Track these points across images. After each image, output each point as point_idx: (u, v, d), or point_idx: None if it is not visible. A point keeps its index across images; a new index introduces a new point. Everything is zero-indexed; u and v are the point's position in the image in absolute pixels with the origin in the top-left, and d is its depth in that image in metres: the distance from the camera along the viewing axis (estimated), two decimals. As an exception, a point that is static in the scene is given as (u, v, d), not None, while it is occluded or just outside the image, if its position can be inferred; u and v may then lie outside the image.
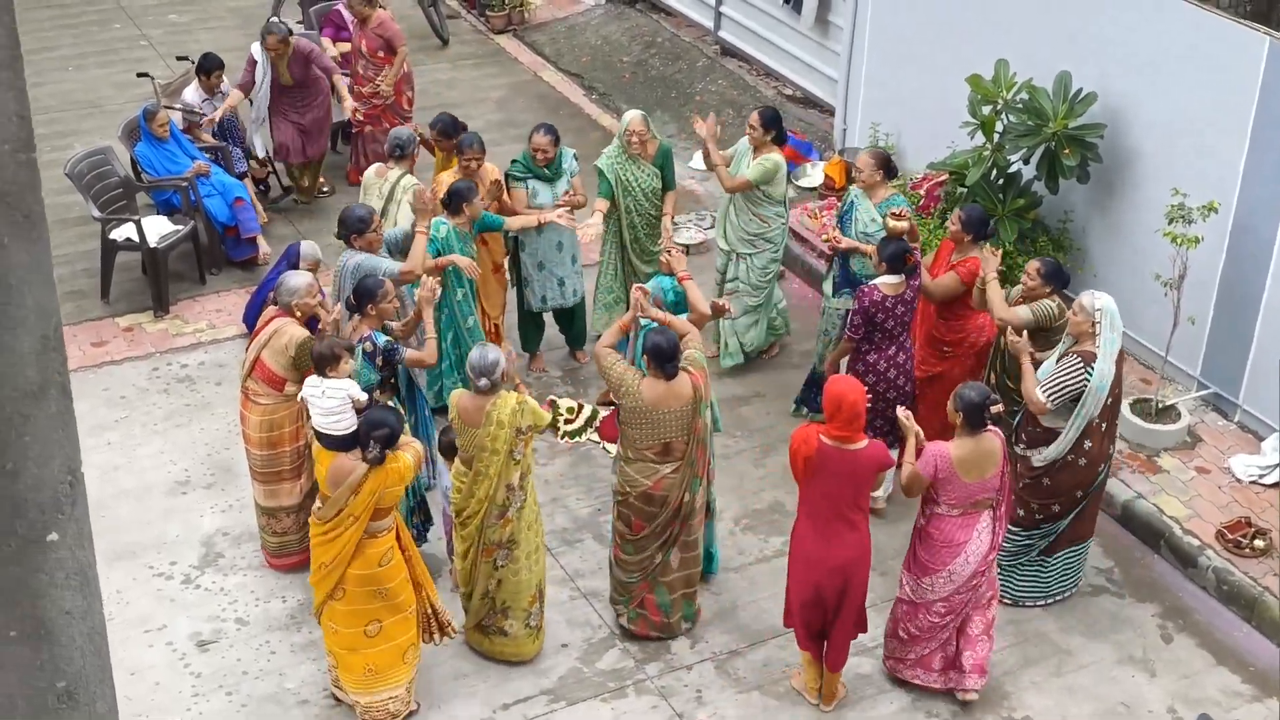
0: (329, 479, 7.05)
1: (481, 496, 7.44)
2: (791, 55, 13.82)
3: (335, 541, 7.00)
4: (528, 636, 7.85)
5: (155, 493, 9.10)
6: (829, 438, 7.07)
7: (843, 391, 7.07)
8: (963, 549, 7.31)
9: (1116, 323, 7.79)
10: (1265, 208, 9.06)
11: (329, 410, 7.24)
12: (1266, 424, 9.35)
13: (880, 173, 9.24)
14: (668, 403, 7.50)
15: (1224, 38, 9.14)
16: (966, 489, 7.22)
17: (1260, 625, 8.25)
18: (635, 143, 9.85)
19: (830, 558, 7.21)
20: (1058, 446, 7.85)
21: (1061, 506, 8.04)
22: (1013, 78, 9.98)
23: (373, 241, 8.58)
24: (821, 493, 7.14)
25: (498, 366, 7.36)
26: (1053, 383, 7.76)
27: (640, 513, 7.70)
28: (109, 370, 10.20)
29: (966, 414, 7.17)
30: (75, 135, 13.20)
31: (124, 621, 8.09)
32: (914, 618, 7.57)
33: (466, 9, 16.50)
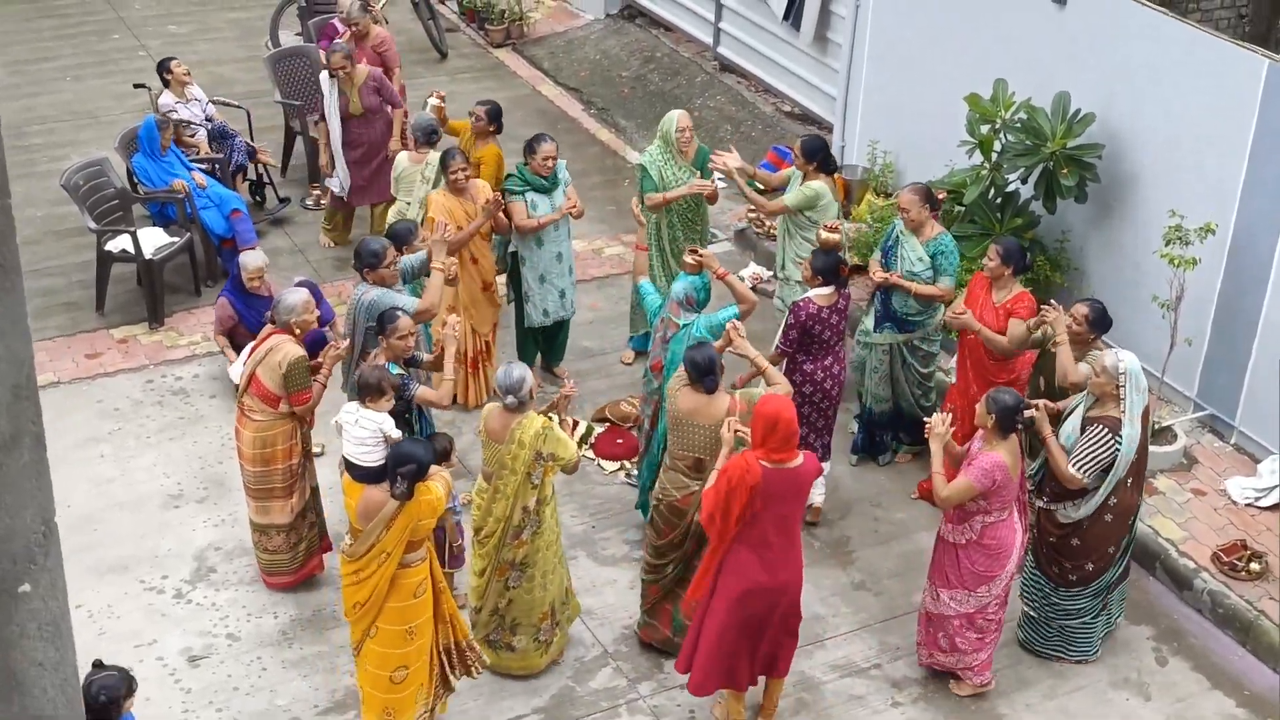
0: (360, 512, 6.90)
1: (499, 515, 7.39)
2: (790, 72, 13.82)
3: (368, 581, 6.82)
4: (536, 651, 7.82)
5: (148, 506, 9.07)
6: (770, 461, 6.87)
7: (776, 411, 6.86)
8: (1014, 549, 7.46)
9: (1140, 383, 7.59)
10: (1263, 229, 9.05)
11: (360, 440, 7.16)
12: (1263, 446, 9.33)
13: (927, 208, 9.01)
14: (698, 417, 7.49)
15: (1223, 59, 9.14)
16: (1014, 489, 7.34)
17: (1256, 649, 8.22)
18: (687, 139, 9.93)
19: (774, 581, 7.06)
20: (1085, 509, 7.69)
21: (1095, 565, 7.84)
22: (1011, 97, 9.97)
23: (385, 277, 8.37)
24: (771, 517, 6.94)
25: (524, 384, 7.29)
26: (1082, 457, 7.56)
27: (667, 522, 7.73)
28: (102, 382, 10.16)
29: (1000, 418, 7.19)
30: (72, 145, 13.19)
31: (115, 636, 8.05)
32: (971, 626, 7.61)
33: (466, 22, 16.51)
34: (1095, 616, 8.04)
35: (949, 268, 9.02)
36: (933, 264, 9.00)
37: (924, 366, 9.35)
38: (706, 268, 8.39)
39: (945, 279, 9.03)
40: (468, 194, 9.51)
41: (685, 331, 8.15)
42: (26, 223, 12.05)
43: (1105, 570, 7.87)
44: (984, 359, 8.70)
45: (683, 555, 7.79)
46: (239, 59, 14.84)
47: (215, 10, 16.44)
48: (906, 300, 9.04)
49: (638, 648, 8.14)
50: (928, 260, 8.98)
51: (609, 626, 8.29)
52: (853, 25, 12.27)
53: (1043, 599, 8.04)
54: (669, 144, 9.97)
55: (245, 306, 9.56)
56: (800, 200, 9.64)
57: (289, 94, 12.67)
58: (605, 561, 8.75)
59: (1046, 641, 8.14)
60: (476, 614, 7.77)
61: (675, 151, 9.97)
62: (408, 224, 9.14)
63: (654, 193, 9.94)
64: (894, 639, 8.23)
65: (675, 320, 8.19)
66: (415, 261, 8.75)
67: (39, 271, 11.38)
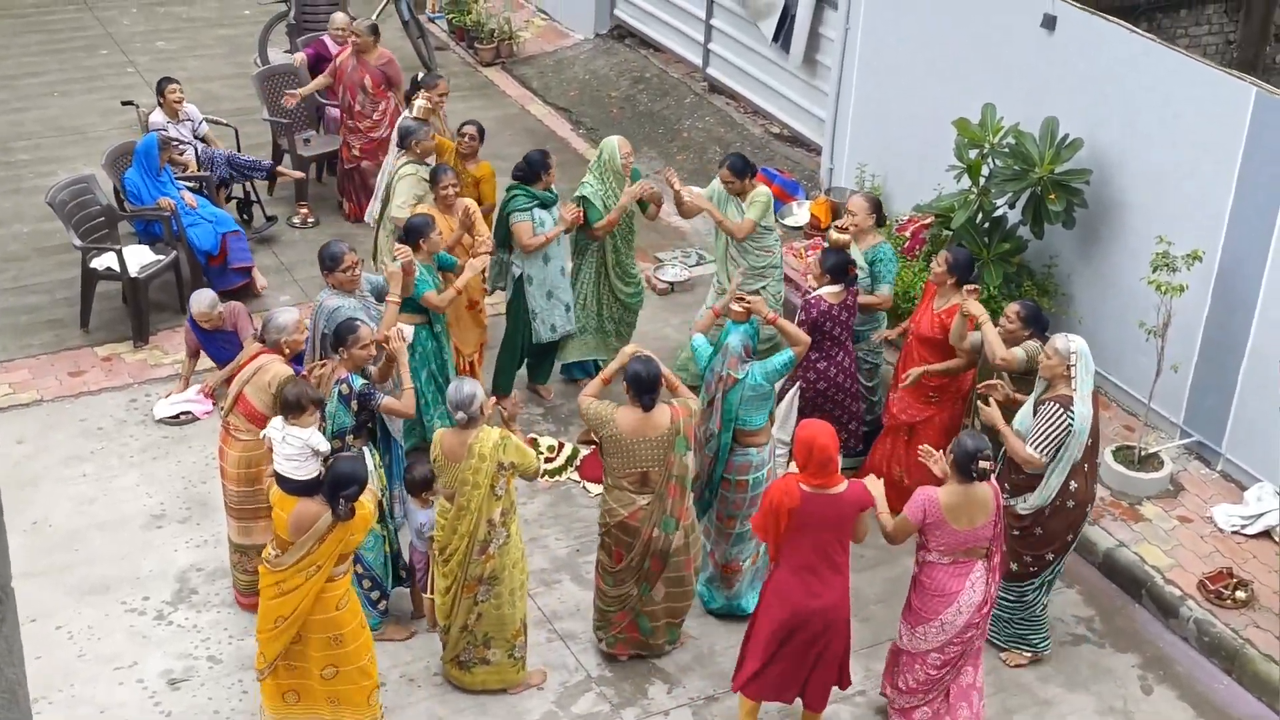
0: (292, 525, 6.90)
1: (463, 532, 7.38)
2: (779, 94, 13.82)
3: (294, 594, 6.87)
4: (512, 666, 7.79)
5: (130, 526, 9.01)
6: (809, 485, 6.96)
7: (812, 436, 6.92)
8: (955, 599, 7.23)
9: (1089, 363, 7.75)
10: (1250, 256, 9.06)
11: (288, 456, 7.15)
12: (1249, 473, 9.32)
13: (872, 217, 9.24)
14: (644, 432, 7.54)
15: (1210, 86, 9.15)
16: (957, 536, 7.13)
17: (1241, 678, 8.20)
18: (628, 165, 9.90)
19: (816, 604, 7.10)
20: (1041, 494, 7.79)
21: (1054, 553, 7.97)
22: (999, 122, 9.97)
23: (343, 281, 8.44)
24: (809, 543, 7.01)
25: (474, 399, 7.32)
26: (1039, 435, 7.68)
27: (620, 543, 7.74)
28: (86, 401, 10.11)
29: (957, 460, 7.07)
30: (59, 162, 13.15)
31: (95, 658, 7.99)
32: (911, 669, 7.50)
33: (455, 41, 16.51)
34: (1045, 595, 8.15)
35: (887, 275, 9.27)
36: (871, 272, 9.17)
37: (868, 380, 9.53)
38: (756, 313, 8.26)
39: (884, 286, 9.29)
40: (454, 211, 9.51)
41: (743, 383, 7.98)
42: (12, 239, 12.03)
43: (1060, 557, 7.99)
44: (920, 362, 8.83)
45: (644, 576, 7.78)
46: (227, 76, 14.81)
47: (204, 27, 16.43)
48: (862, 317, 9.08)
49: (621, 672, 8.10)
50: (867, 268, 9.14)
51: (593, 651, 8.24)
52: (842, 48, 12.28)
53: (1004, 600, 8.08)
54: (612, 172, 9.83)
55: (206, 338, 9.59)
56: (761, 211, 9.69)
57: (277, 112, 12.65)
58: (589, 585, 8.68)
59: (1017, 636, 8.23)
60: (445, 634, 7.75)
61: (616, 179, 9.83)
62: (424, 217, 9.12)
63: (599, 220, 9.82)
64: (879, 665, 8.17)
65: (734, 375, 7.98)
66: (382, 282, 8.76)
67: (24, 289, 11.34)
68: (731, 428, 7.99)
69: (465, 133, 10.50)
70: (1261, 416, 9.15)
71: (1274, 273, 8.94)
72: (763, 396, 8.00)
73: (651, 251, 12.28)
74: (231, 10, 16.93)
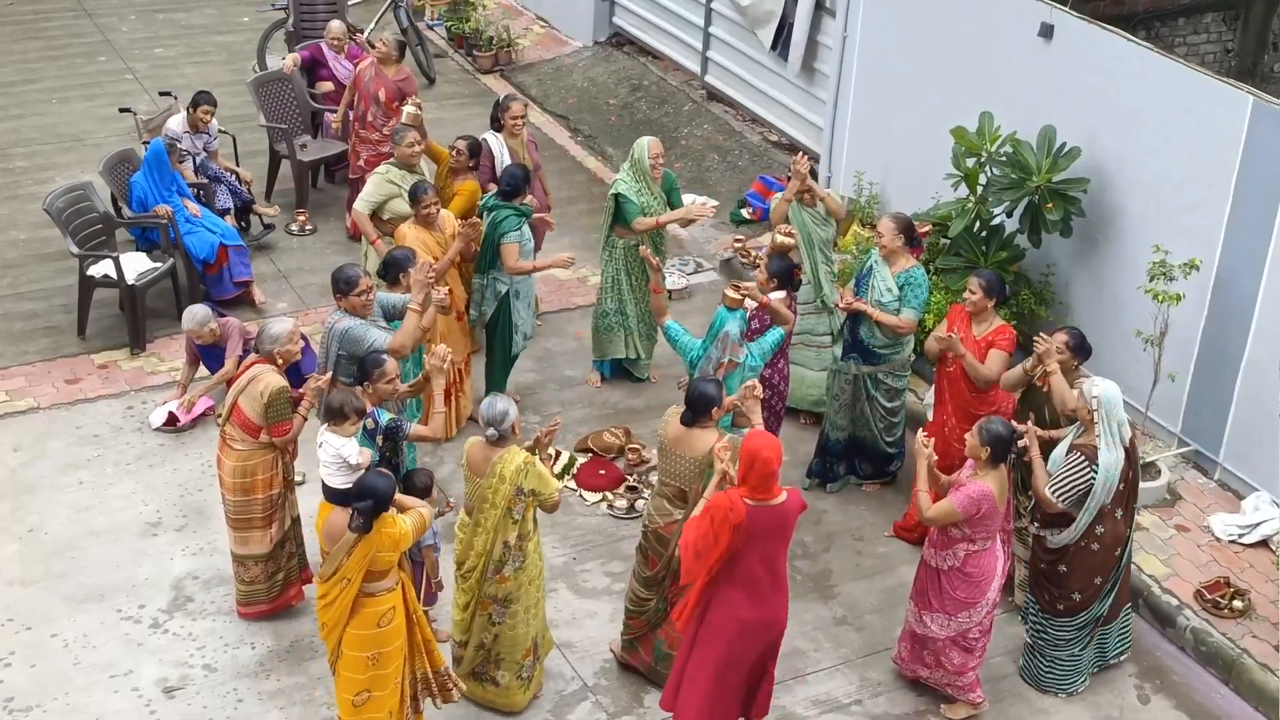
0: (325, 532, 6.91)
1: (480, 549, 7.34)
2: (777, 101, 13.82)
3: (334, 604, 6.85)
4: (519, 688, 7.76)
5: (126, 534, 8.99)
6: (753, 499, 6.84)
7: (757, 449, 6.80)
8: (997, 575, 7.50)
9: (1115, 411, 7.54)
10: (1247, 265, 9.05)
11: (324, 462, 7.16)
12: (1247, 482, 9.31)
13: (901, 238, 9.00)
14: (681, 447, 7.48)
15: (1208, 96, 9.15)
16: (999, 519, 7.36)
17: (1239, 687, 8.18)
18: (660, 165, 10.04)
19: (764, 617, 7.05)
20: (1070, 534, 7.68)
21: (1083, 596, 7.82)
22: (997, 130, 9.98)
23: (356, 305, 8.34)
24: (757, 555, 6.92)
25: (506, 417, 7.22)
26: (1059, 482, 7.58)
27: (654, 550, 7.71)
28: (82, 408, 10.10)
29: (995, 449, 7.24)
30: (56, 168, 13.15)
31: (90, 666, 7.97)
32: (953, 645, 7.66)
33: (454, 48, 16.51)
34: (1081, 649, 8.02)
35: (915, 301, 9.00)
36: (899, 295, 8.99)
37: (889, 401, 9.32)
38: (751, 297, 8.35)
39: (909, 311, 9.01)
40: (437, 226, 9.49)
41: (743, 365, 8.14)
42: (9, 246, 12.02)
43: (1092, 602, 7.85)
44: (964, 391, 8.65)
45: (664, 590, 7.77)
46: (226, 83, 14.78)
47: (203, 34, 16.42)
48: (873, 331, 9.03)
49: (617, 681, 8.08)
50: (896, 291, 8.98)
51: (589, 660, 8.22)
52: (840, 56, 12.29)
53: (1038, 627, 8.04)
54: (642, 171, 10.01)
55: (204, 350, 9.61)
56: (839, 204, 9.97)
57: (273, 118, 12.65)
58: (586, 594, 8.70)
59: (1036, 669, 8.14)
60: (462, 649, 7.70)
61: (648, 179, 10.03)
62: (403, 251, 9.07)
63: (642, 217, 9.95)
64: (875, 674, 8.18)
65: (736, 360, 8.10)
66: (397, 301, 8.65)
67: (21, 295, 11.34)
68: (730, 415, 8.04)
69: (455, 147, 10.49)
70: (1259, 425, 9.14)
71: (1271, 282, 8.93)
72: (756, 375, 8.17)
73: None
74: (230, 17, 16.93)
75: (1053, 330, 8.29)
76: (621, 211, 10.03)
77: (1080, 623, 7.90)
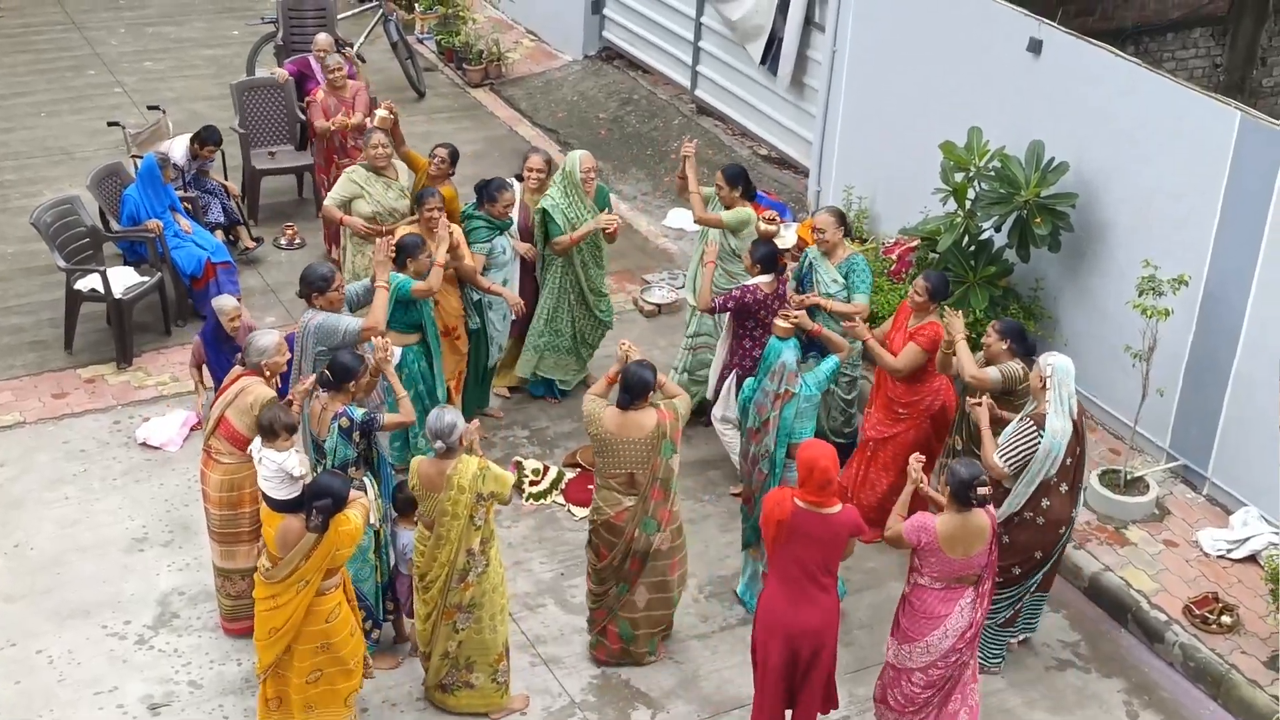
0: (277, 540, 6.98)
1: (443, 561, 7.37)
2: (767, 116, 13.83)
3: (285, 607, 6.93)
4: (495, 690, 7.77)
5: (112, 549, 8.95)
6: (804, 502, 7.01)
7: (814, 457, 7.00)
8: (942, 622, 7.22)
9: (1066, 380, 7.72)
10: (1235, 280, 9.06)
11: (265, 477, 7.20)
12: (1235, 497, 9.31)
13: (841, 230, 9.29)
14: (628, 432, 7.67)
15: (1196, 111, 9.16)
16: (950, 564, 7.11)
17: (1227, 703, 8.17)
18: (592, 179, 10.02)
19: (801, 620, 7.13)
20: (1008, 503, 7.79)
21: (1021, 569, 7.94)
22: (985, 145, 9.98)
23: (334, 300, 8.45)
24: (793, 557, 7.07)
25: (454, 429, 7.29)
26: (1007, 447, 7.75)
27: (605, 541, 7.89)
28: (69, 423, 10.06)
29: (955, 491, 7.04)
30: (44, 182, 13.12)
31: (75, 683, 7.93)
32: (898, 684, 7.49)
33: (444, 62, 16.51)
34: (1004, 625, 8.13)
35: (862, 286, 9.25)
36: (846, 283, 9.20)
37: (846, 393, 9.55)
38: (801, 327, 8.44)
39: (860, 296, 9.25)
40: (436, 234, 9.43)
41: (799, 395, 8.16)
42: (-4, 259, 12.00)
43: (1028, 575, 7.95)
44: (887, 378, 8.88)
45: (623, 576, 7.91)
46: (214, 96, 14.77)
47: (192, 47, 16.40)
48: (828, 324, 9.08)
49: (605, 697, 8.06)
50: (842, 280, 9.21)
51: (576, 675, 8.20)
52: (829, 71, 12.29)
53: None
54: (573, 184, 9.96)
55: (215, 354, 9.50)
56: (734, 219, 9.76)
57: (251, 125, 12.69)
58: (573, 609, 8.66)
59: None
60: (426, 660, 7.74)
61: (579, 193, 9.97)
62: (415, 236, 9.11)
63: (560, 235, 9.91)
64: (863, 690, 8.15)
65: (792, 389, 8.14)
66: (359, 288, 8.76)
67: (8, 309, 11.30)
68: (785, 443, 8.14)
69: (436, 154, 10.50)
70: (1247, 441, 9.14)
71: (1259, 297, 8.94)
72: (814, 406, 8.27)
73: (638, 274, 12.27)
74: (220, 31, 16.92)
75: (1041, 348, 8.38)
76: (546, 228, 9.97)
77: (1014, 595, 8.01)
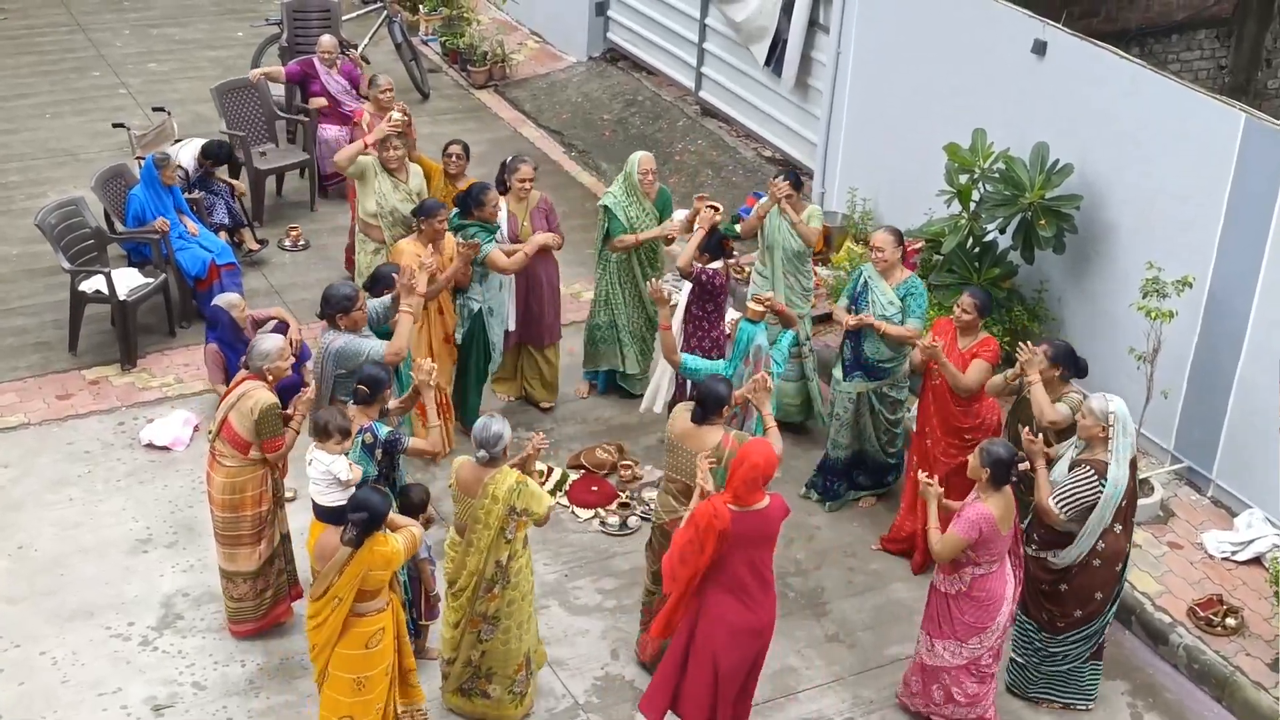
0: (316, 552, 6.95)
1: (472, 569, 7.32)
2: (771, 117, 13.82)
3: (325, 625, 6.85)
4: (511, 701, 7.74)
5: (116, 551, 8.95)
6: (737, 505, 6.88)
7: (747, 453, 6.89)
8: (1004, 600, 7.43)
9: (1129, 427, 7.57)
10: (1240, 282, 9.04)
11: (313, 479, 7.18)
12: (1240, 499, 9.30)
13: (900, 250, 9.02)
14: (688, 443, 7.58)
15: (1200, 113, 9.15)
16: (1004, 541, 7.32)
17: (1232, 706, 8.15)
18: (650, 180, 10.03)
19: (755, 623, 7.10)
20: (1072, 552, 7.66)
21: (1084, 612, 7.80)
22: (990, 147, 9.98)
23: (357, 320, 8.32)
24: (744, 560, 6.97)
25: (500, 440, 7.22)
26: (1066, 494, 7.57)
27: (661, 546, 7.74)
28: (73, 424, 10.06)
29: (994, 471, 7.20)
30: (49, 184, 13.12)
31: (78, 684, 7.93)
32: (965, 677, 7.58)
33: (448, 63, 16.51)
34: (1086, 661, 8.02)
35: (918, 310, 9.01)
36: (902, 305, 8.99)
37: (892, 414, 9.33)
38: (772, 309, 8.56)
39: (914, 320, 9.00)
40: (438, 245, 9.39)
41: (774, 375, 8.27)
42: (0, 261, 11.98)
43: (1095, 617, 7.84)
44: (948, 404, 8.67)
45: None
46: (219, 98, 14.79)
47: (196, 49, 16.42)
48: (878, 346, 9.00)
49: (609, 699, 8.05)
50: (899, 303, 8.98)
51: (580, 677, 8.19)
52: (834, 72, 12.29)
53: (1030, 646, 8.02)
54: (632, 185, 10.01)
55: (235, 355, 9.50)
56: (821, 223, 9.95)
57: (235, 125, 12.73)
58: (577, 611, 8.66)
59: (1033, 686, 8.12)
60: (449, 666, 7.69)
61: (638, 193, 10.02)
62: (391, 267, 9.04)
63: (624, 234, 9.96)
64: (868, 692, 8.15)
65: (769, 370, 8.23)
66: (381, 307, 8.67)
67: (12, 311, 11.31)
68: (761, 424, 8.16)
69: (451, 153, 10.52)
70: (1252, 443, 9.12)
71: (1263, 299, 8.93)
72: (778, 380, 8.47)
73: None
74: (224, 32, 16.93)
75: (1040, 341, 8.30)
76: (608, 226, 10.04)
77: (1084, 635, 7.89)
